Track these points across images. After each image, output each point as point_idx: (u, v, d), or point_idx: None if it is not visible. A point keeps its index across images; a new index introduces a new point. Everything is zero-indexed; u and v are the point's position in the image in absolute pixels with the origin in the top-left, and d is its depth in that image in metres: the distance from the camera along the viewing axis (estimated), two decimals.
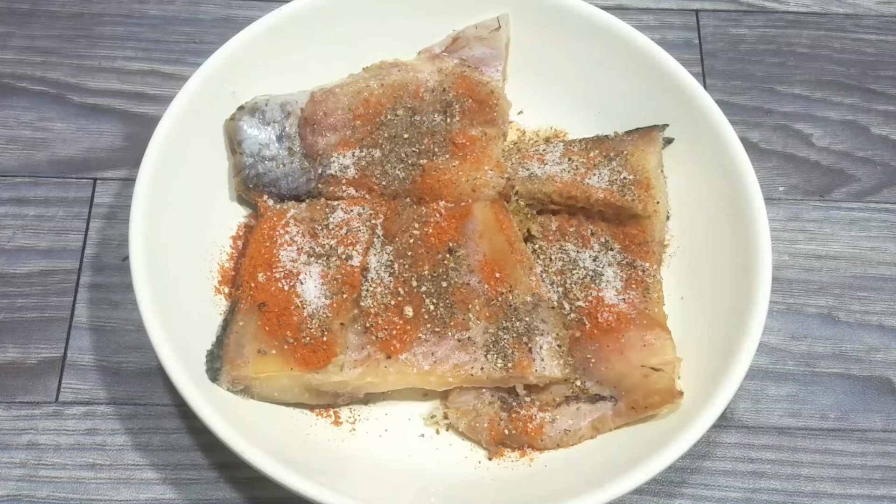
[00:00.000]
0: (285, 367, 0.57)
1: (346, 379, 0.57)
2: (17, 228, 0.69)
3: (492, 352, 0.57)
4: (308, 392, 0.58)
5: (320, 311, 0.58)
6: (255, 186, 0.64)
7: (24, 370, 0.64)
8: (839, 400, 0.65)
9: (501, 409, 0.58)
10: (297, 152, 0.64)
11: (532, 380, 0.57)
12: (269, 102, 0.65)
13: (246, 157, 0.64)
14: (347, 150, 0.64)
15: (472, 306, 0.59)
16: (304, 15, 0.68)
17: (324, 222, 0.62)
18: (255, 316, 0.58)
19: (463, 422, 0.58)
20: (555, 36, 0.69)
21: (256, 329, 0.58)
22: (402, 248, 0.61)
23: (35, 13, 0.79)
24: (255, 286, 0.59)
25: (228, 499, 0.60)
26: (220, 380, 0.57)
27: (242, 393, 0.57)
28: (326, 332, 0.58)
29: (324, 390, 0.57)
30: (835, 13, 0.83)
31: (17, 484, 0.60)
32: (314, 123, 0.64)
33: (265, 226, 0.62)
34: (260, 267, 0.60)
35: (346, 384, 0.57)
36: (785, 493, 0.61)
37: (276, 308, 0.58)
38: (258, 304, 0.58)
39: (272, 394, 0.58)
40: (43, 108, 0.74)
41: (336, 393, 0.58)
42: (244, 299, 0.59)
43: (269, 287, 0.59)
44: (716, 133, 0.64)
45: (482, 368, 0.57)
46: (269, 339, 0.58)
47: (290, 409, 0.59)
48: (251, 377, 0.57)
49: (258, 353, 0.57)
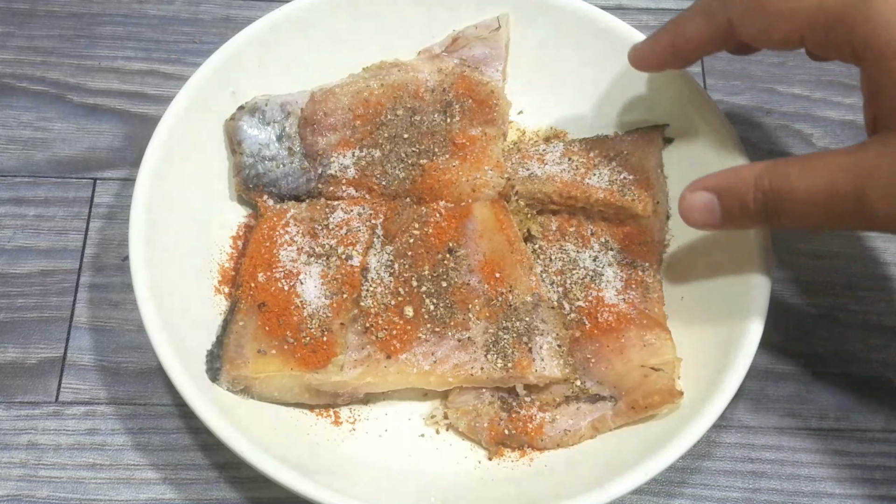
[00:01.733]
0: (285, 366, 0.57)
1: (345, 379, 0.57)
2: (17, 228, 0.69)
3: (492, 352, 0.57)
4: (308, 392, 0.58)
5: (320, 311, 0.58)
6: (255, 186, 0.64)
7: (24, 370, 0.64)
8: (839, 400, 0.65)
9: (501, 409, 0.58)
10: (297, 152, 0.64)
11: (532, 380, 0.57)
12: (269, 102, 0.65)
13: (246, 157, 0.64)
14: (347, 150, 0.64)
15: (472, 306, 0.59)
16: (305, 15, 0.68)
17: (323, 222, 0.62)
18: (254, 316, 0.58)
19: (463, 422, 0.58)
20: (555, 36, 0.69)
21: (256, 329, 0.58)
22: (402, 248, 0.61)
23: (35, 13, 0.79)
24: (255, 286, 0.59)
25: (228, 499, 0.60)
26: (220, 380, 0.57)
27: (242, 393, 0.57)
28: (326, 331, 0.58)
29: (323, 390, 0.57)
30: None
31: (17, 484, 0.60)
32: (314, 123, 0.64)
33: (265, 226, 0.62)
34: (260, 267, 0.60)
35: (345, 384, 0.57)
36: (785, 493, 0.61)
37: (276, 308, 0.58)
38: (258, 304, 0.58)
39: (272, 394, 0.58)
40: (43, 108, 0.74)
41: (336, 393, 0.58)
42: (244, 299, 0.59)
43: (269, 287, 0.59)
44: (716, 133, 0.64)
45: (482, 368, 0.57)
46: (268, 339, 0.58)
47: (290, 409, 0.59)
48: (251, 377, 0.57)
49: (258, 353, 0.57)
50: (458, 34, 0.69)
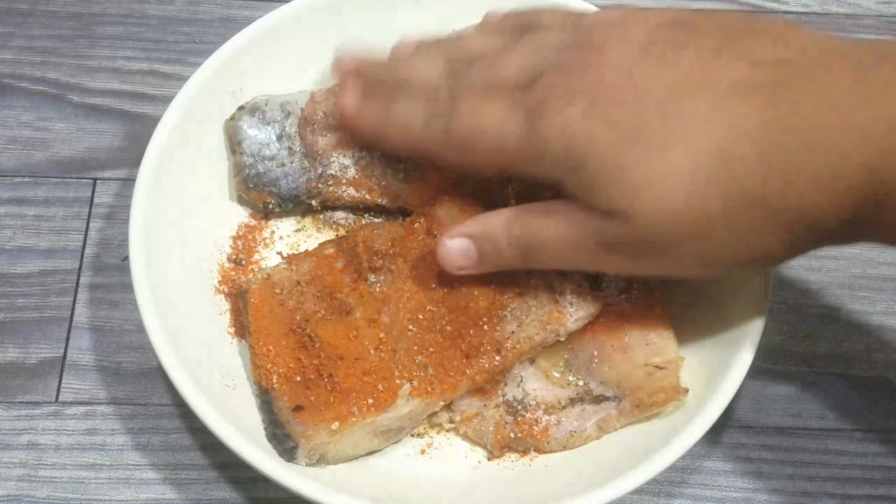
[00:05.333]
0: (359, 418, 0.55)
1: (413, 407, 0.55)
2: (17, 228, 0.69)
3: (523, 324, 0.56)
4: (377, 437, 0.56)
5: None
6: (256, 186, 0.64)
7: (24, 370, 0.64)
8: (839, 400, 0.65)
9: (507, 413, 0.58)
10: (297, 152, 0.64)
11: (572, 326, 0.56)
12: (269, 102, 0.65)
13: (246, 156, 0.64)
14: (348, 150, 0.64)
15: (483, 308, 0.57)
16: (305, 15, 0.68)
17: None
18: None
19: (467, 427, 0.58)
20: None
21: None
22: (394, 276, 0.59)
23: (35, 13, 0.79)
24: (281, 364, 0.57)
25: (228, 499, 0.60)
26: (298, 457, 0.54)
27: (319, 462, 0.55)
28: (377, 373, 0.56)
29: (393, 427, 0.56)
30: (835, 13, 0.83)
31: (17, 484, 0.60)
32: (314, 123, 0.64)
33: (254, 300, 0.58)
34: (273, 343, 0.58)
35: (412, 412, 0.55)
36: (785, 493, 0.61)
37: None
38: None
39: (346, 451, 0.55)
40: (43, 108, 0.74)
41: (401, 427, 0.56)
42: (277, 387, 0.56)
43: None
44: None
45: (522, 340, 0.56)
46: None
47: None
48: (326, 441, 0.54)
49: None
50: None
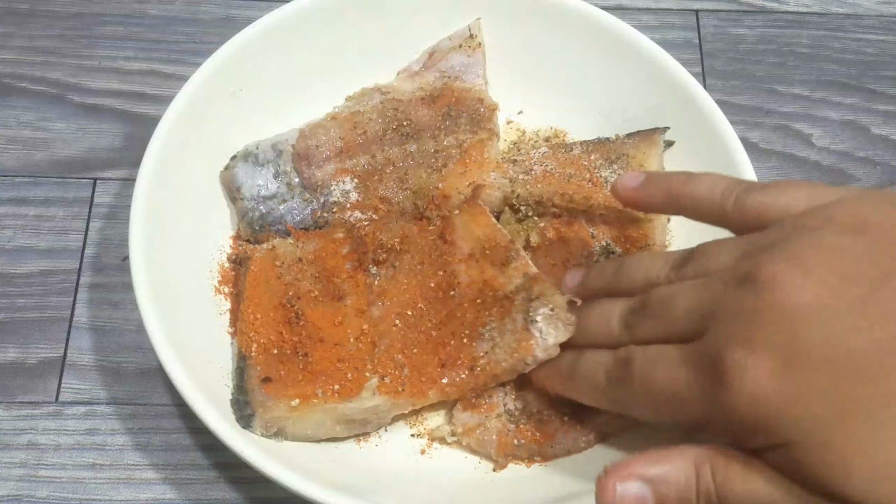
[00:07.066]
0: (321, 400, 0.55)
1: (378, 403, 0.55)
2: (17, 228, 0.69)
3: (496, 347, 0.55)
4: (339, 424, 0.56)
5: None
6: (262, 228, 0.63)
7: (24, 370, 0.64)
8: None
9: (509, 422, 0.57)
10: (295, 186, 0.64)
11: (540, 355, 0.54)
12: (260, 146, 0.65)
13: (246, 201, 0.64)
14: (346, 177, 0.64)
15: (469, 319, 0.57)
16: (305, 15, 0.68)
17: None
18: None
19: (469, 438, 0.57)
20: (554, 36, 0.69)
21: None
22: (396, 274, 0.59)
23: (35, 13, 0.79)
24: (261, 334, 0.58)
25: (228, 499, 0.60)
26: (254, 426, 0.55)
27: (276, 436, 0.56)
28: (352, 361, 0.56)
29: (356, 418, 0.56)
30: (835, 13, 0.83)
31: (17, 484, 0.60)
32: (308, 157, 0.64)
33: (255, 268, 0.60)
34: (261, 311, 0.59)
35: (377, 408, 0.56)
36: None
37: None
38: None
39: (305, 432, 0.56)
40: (43, 108, 0.74)
41: (365, 420, 0.57)
42: (252, 348, 0.58)
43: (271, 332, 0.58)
44: (716, 133, 0.64)
45: (489, 364, 0.55)
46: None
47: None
48: (285, 416, 0.55)
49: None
50: (433, 49, 0.69)
